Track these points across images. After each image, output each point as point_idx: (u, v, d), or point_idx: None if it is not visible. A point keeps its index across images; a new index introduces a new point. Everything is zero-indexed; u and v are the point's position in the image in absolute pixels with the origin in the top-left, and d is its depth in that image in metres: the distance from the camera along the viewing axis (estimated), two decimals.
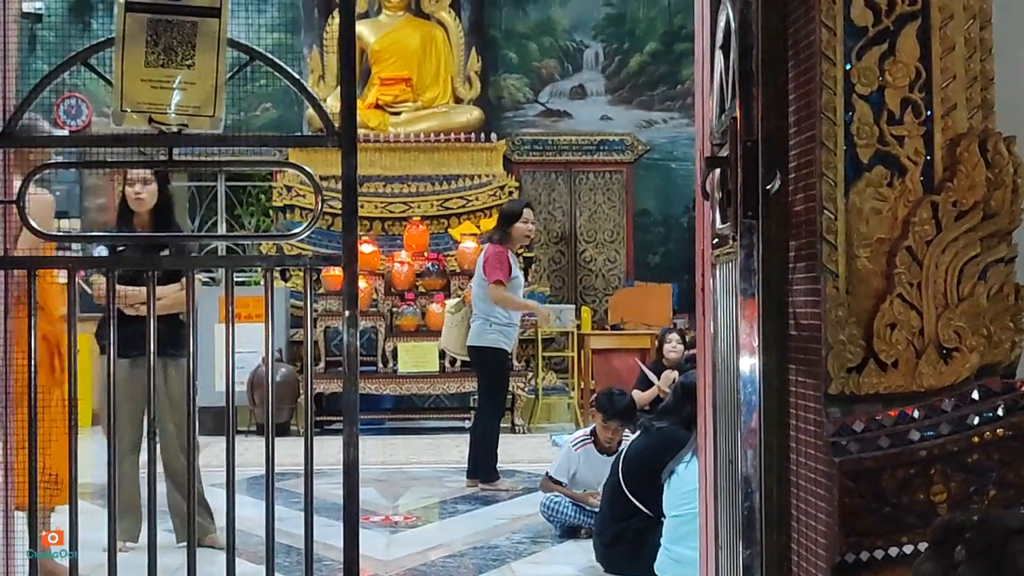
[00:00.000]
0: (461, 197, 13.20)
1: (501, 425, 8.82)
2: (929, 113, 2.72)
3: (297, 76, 3.31)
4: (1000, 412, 2.63)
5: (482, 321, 8.32)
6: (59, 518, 4.07)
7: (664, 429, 5.68)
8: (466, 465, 8.53)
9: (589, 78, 14.73)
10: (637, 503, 5.69)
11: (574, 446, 6.94)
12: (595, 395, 9.69)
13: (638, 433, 5.94)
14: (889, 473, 2.59)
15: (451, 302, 8.67)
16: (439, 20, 14.04)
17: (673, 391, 5.83)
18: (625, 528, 5.73)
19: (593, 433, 6.96)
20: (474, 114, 13.78)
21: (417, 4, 14.07)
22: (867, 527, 2.59)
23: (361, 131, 11.67)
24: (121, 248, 5.66)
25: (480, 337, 8.33)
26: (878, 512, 2.59)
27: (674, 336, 9.76)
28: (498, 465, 8.42)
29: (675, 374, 8.94)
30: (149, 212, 6.06)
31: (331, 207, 9.65)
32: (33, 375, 3.14)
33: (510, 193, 13.30)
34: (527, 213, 8.55)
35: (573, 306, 12.83)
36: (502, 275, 8.21)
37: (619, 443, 6.78)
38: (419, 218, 12.74)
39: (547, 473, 7.01)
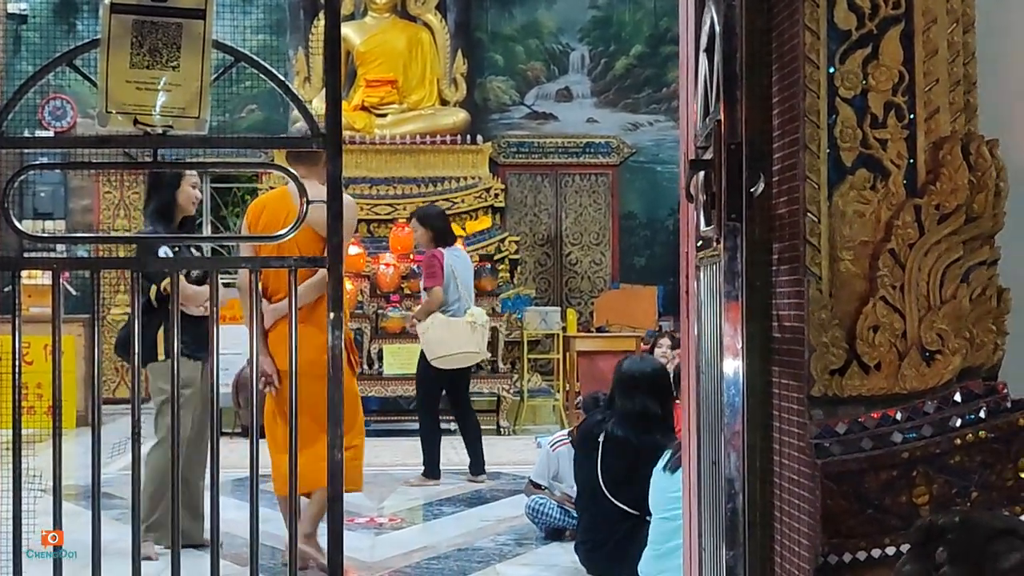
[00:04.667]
0: (447, 199, 13.18)
1: (484, 427, 9.26)
2: (912, 116, 2.72)
3: (282, 78, 3.30)
4: (982, 414, 2.63)
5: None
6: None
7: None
8: (454, 467, 8.76)
9: (575, 81, 14.73)
10: (620, 504, 5.66)
11: (551, 447, 6.97)
12: (580, 397, 9.70)
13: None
14: (872, 475, 2.60)
15: (481, 310, 8.92)
16: (425, 22, 14.03)
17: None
18: (609, 532, 5.71)
19: (571, 434, 6.98)
20: (460, 116, 13.77)
21: (403, 6, 14.06)
22: (850, 529, 2.59)
23: (346, 133, 11.67)
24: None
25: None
26: (861, 514, 2.59)
27: (665, 341, 9.36)
28: (485, 467, 8.75)
29: None
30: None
31: None
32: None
33: (496, 195, 13.33)
34: None
35: (559, 308, 12.83)
36: None
37: None
38: (405, 220, 12.71)
39: (529, 479, 7.04)
